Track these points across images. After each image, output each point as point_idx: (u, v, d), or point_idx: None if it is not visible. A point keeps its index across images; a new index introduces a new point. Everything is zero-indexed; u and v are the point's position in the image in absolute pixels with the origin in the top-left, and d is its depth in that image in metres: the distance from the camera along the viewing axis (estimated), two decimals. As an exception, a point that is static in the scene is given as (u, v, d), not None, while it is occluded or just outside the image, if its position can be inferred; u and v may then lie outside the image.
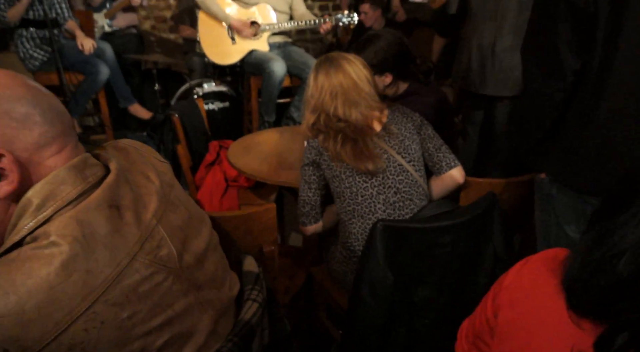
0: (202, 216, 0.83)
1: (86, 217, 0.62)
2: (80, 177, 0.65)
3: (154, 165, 0.77)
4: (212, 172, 2.30)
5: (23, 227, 0.61)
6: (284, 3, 3.07)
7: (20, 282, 0.57)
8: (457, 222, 1.20)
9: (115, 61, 3.23)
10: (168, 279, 0.68)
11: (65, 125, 0.67)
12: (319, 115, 1.39)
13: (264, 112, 3.10)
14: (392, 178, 1.36)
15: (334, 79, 1.38)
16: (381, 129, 1.40)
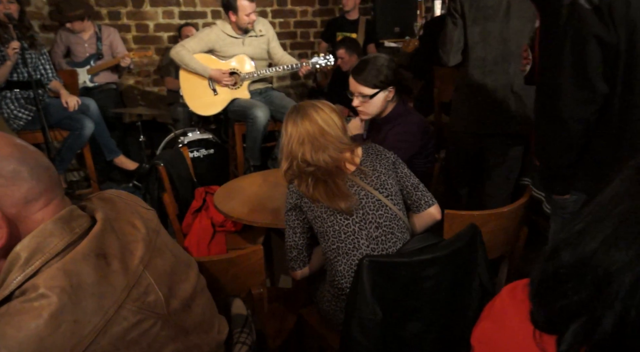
0: (188, 261, 0.84)
1: (73, 268, 0.63)
2: (67, 228, 0.67)
3: (139, 213, 0.79)
4: (198, 219, 2.30)
5: (12, 281, 0.62)
6: (261, 51, 3.20)
7: (10, 335, 0.57)
8: (441, 254, 1.22)
9: (99, 116, 3.28)
10: (156, 324, 0.69)
11: (52, 180, 0.69)
12: (291, 161, 1.46)
13: (249, 156, 3.15)
14: (371, 213, 1.40)
15: (301, 127, 1.45)
16: (355, 169, 1.45)
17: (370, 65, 1.87)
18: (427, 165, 2.02)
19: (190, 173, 2.48)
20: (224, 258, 1.24)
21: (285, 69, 3.13)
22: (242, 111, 3.04)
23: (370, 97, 1.89)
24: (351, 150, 1.47)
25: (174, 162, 2.37)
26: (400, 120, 1.92)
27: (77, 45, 3.63)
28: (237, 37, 3.08)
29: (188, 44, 3.03)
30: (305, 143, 1.44)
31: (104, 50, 3.68)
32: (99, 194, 0.81)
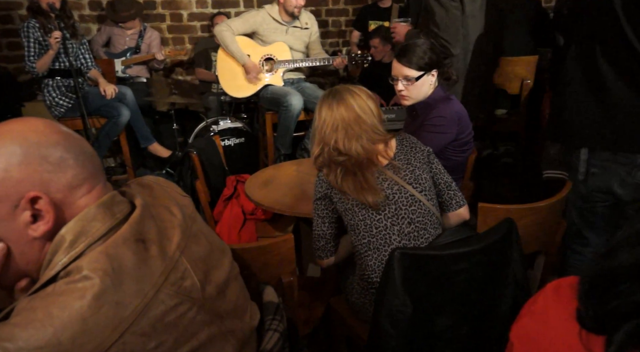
0: (223, 247, 0.86)
1: (115, 252, 0.65)
2: (109, 213, 0.69)
3: (176, 200, 0.81)
4: (229, 206, 2.34)
5: (57, 262, 0.65)
6: (301, 43, 3.20)
7: (56, 315, 0.60)
8: (474, 248, 1.20)
9: (135, 104, 3.37)
10: (192, 309, 0.70)
11: (95, 167, 0.72)
12: (322, 148, 1.42)
13: (280, 145, 3.17)
14: (404, 209, 1.37)
15: (336, 112, 1.40)
16: (388, 163, 1.40)
17: (415, 48, 1.86)
18: (461, 154, 1.98)
19: (222, 161, 2.51)
20: (255, 246, 1.26)
21: (321, 62, 3.12)
22: (276, 98, 3.06)
23: (415, 80, 1.86)
24: (385, 141, 1.43)
25: (206, 150, 2.41)
26: (439, 106, 1.89)
27: (118, 36, 3.73)
28: (282, 23, 3.09)
29: (233, 24, 3.06)
30: (339, 130, 1.39)
31: (143, 47, 3.78)
32: (137, 180, 0.83)
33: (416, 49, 1.86)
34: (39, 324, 0.59)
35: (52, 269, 0.64)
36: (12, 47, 3.86)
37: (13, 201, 0.64)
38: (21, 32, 2.95)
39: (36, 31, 2.96)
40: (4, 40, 3.88)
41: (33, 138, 0.66)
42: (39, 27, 2.96)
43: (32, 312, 0.60)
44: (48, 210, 0.65)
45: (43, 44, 3.00)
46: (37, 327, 0.59)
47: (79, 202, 0.68)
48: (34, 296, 0.63)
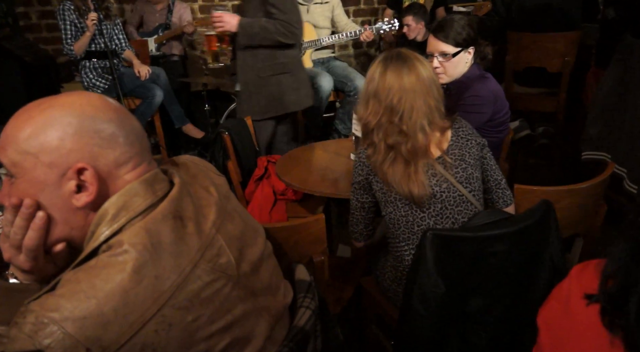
0: (256, 227, 0.87)
1: (154, 227, 0.67)
2: (151, 190, 0.71)
3: (212, 179, 0.83)
4: (261, 187, 2.37)
5: (100, 235, 0.67)
6: (325, 19, 3.14)
7: (99, 287, 0.62)
8: (510, 230, 1.17)
9: (168, 85, 3.42)
10: (227, 285, 0.72)
11: (142, 146, 0.73)
12: (379, 121, 1.23)
13: (310, 126, 3.16)
14: (450, 209, 1.29)
15: (407, 80, 1.20)
16: (440, 156, 1.27)
17: (453, 23, 1.80)
18: (497, 135, 1.92)
19: (253, 142, 2.53)
20: (287, 225, 1.27)
21: (348, 36, 3.06)
22: None
23: (452, 56, 1.81)
24: (443, 129, 1.27)
25: (237, 130, 2.42)
26: (474, 85, 1.83)
27: (149, 14, 3.77)
28: (303, 3, 3.04)
29: None
30: (406, 102, 1.19)
31: (173, 22, 3.80)
32: (174, 159, 0.84)
33: (454, 24, 1.80)
34: (83, 295, 0.61)
35: (95, 241, 0.67)
36: (51, 28, 3.97)
37: (62, 170, 0.66)
38: (57, 15, 3.02)
39: (71, 13, 3.02)
40: (43, 22, 3.99)
41: (89, 112, 0.68)
42: (74, 9, 3.02)
43: (77, 284, 0.63)
44: (92, 182, 0.67)
45: (79, 26, 3.06)
46: (81, 298, 0.61)
47: (123, 178, 0.70)
48: (78, 269, 0.66)
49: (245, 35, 2.31)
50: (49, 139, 0.66)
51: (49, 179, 0.67)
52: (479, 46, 1.87)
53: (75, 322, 0.60)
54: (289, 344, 0.80)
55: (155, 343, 0.64)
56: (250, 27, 2.28)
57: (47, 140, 0.66)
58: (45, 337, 0.59)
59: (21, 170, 0.67)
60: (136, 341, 0.62)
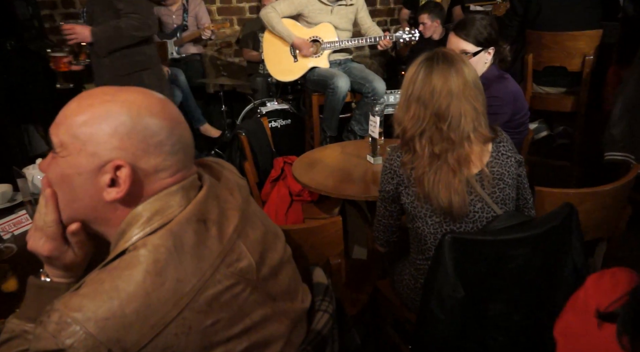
0: (276, 231, 0.86)
1: (178, 230, 0.67)
2: (186, 197, 0.71)
3: (236, 181, 0.82)
4: (277, 188, 2.37)
5: (132, 236, 0.67)
6: (347, 21, 3.13)
7: (122, 288, 0.62)
8: (531, 234, 1.14)
9: (187, 85, 3.45)
10: (246, 290, 0.72)
11: (186, 155, 0.73)
12: (423, 127, 1.16)
13: (326, 127, 3.15)
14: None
15: (454, 83, 1.13)
16: (479, 171, 1.20)
17: (475, 22, 1.78)
18: (516, 136, 1.88)
19: (269, 143, 2.53)
20: (304, 228, 1.26)
21: (367, 42, 3.04)
22: (323, 80, 3.02)
23: (473, 55, 1.78)
24: (484, 141, 1.19)
25: (254, 131, 2.43)
26: (493, 85, 1.80)
27: (166, 16, 3.81)
28: (327, 4, 3.03)
29: (279, 6, 3.04)
30: (453, 105, 1.13)
31: (189, 21, 3.83)
32: (199, 161, 0.85)
33: (476, 22, 1.77)
34: (106, 296, 0.62)
35: (126, 242, 0.67)
36: (73, 32, 4.03)
37: (102, 162, 0.67)
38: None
39: (94, 17, 3.06)
40: (66, 26, 4.06)
41: (145, 115, 0.68)
42: (97, 12, 3.07)
43: (100, 284, 0.63)
44: (125, 181, 0.68)
45: (101, 28, 3.10)
46: (104, 299, 0.61)
47: (157, 183, 0.70)
48: (103, 269, 0.66)
49: (101, 42, 2.28)
50: (100, 132, 0.67)
51: (88, 167, 0.68)
52: (499, 47, 1.84)
53: (98, 323, 0.60)
54: (307, 347, 0.79)
55: (175, 346, 0.64)
56: (103, 32, 2.25)
57: (98, 132, 0.67)
58: (68, 337, 0.60)
59: (66, 151, 0.68)
60: (156, 343, 0.62)
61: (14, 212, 1.38)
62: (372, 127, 2.06)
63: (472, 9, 3.84)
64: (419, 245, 1.32)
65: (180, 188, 0.71)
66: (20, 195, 1.51)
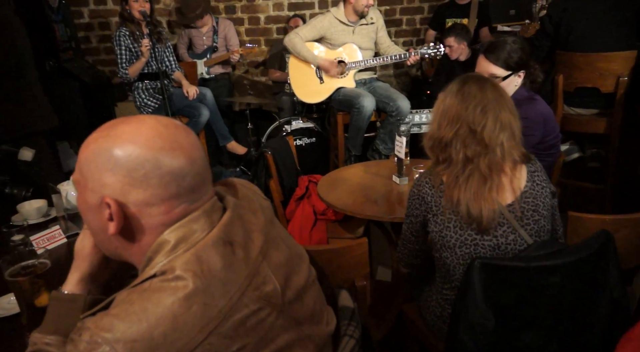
0: (301, 252, 0.85)
1: (205, 254, 0.67)
2: (209, 221, 0.71)
3: (259, 202, 0.82)
4: (301, 206, 2.37)
5: (158, 263, 0.68)
6: (369, 40, 3.15)
7: (151, 310, 0.62)
8: (564, 261, 1.09)
9: (214, 104, 3.52)
10: (272, 314, 0.71)
11: (183, 188, 0.70)
12: (457, 131, 1.16)
13: (351, 146, 3.15)
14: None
15: (490, 92, 1.16)
16: (513, 202, 1.17)
17: (505, 45, 1.75)
18: (547, 158, 1.83)
19: (294, 161, 2.55)
20: (329, 249, 1.25)
21: (392, 59, 3.05)
22: (348, 100, 3.04)
23: (502, 79, 1.75)
24: (516, 162, 1.18)
25: (280, 150, 2.45)
26: (522, 106, 1.75)
27: (197, 38, 3.93)
28: (349, 24, 3.07)
29: (302, 32, 3.09)
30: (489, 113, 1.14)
31: (219, 43, 3.93)
32: (223, 181, 0.85)
33: (506, 46, 1.75)
34: (135, 317, 0.62)
35: (152, 269, 0.68)
36: (109, 51, 4.21)
37: (99, 198, 0.69)
38: (114, 40, 3.19)
39: (127, 38, 3.18)
40: (101, 46, 4.24)
41: (130, 149, 0.68)
42: (129, 34, 3.19)
43: (130, 305, 0.64)
44: (115, 217, 0.69)
45: (133, 50, 3.22)
46: (134, 320, 0.62)
47: (154, 219, 0.70)
48: (133, 290, 0.67)
49: None
50: (94, 169, 0.69)
51: (92, 203, 0.70)
52: (530, 70, 1.80)
53: (127, 344, 0.60)
54: (333, 374, 0.77)
55: None
56: None
57: (92, 169, 0.69)
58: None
59: (78, 187, 0.72)
60: None
61: (47, 227, 1.42)
62: (398, 147, 2.05)
63: (499, 29, 3.81)
64: (446, 275, 1.29)
65: (202, 213, 0.71)
66: (54, 210, 1.55)
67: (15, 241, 1.27)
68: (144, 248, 0.71)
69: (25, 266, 1.02)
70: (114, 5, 4.09)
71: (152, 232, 0.70)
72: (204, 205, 0.72)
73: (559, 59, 2.78)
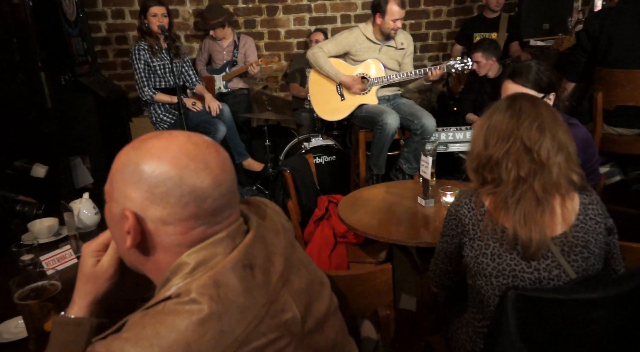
0: (322, 279, 0.84)
1: (222, 278, 0.67)
2: (231, 244, 0.71)
3: (282, 224, 0.82)
4: (320, 228, 2.35)
5: (174, 285, 0.68)
6: (394, 62, 3.17)
7: (163, 335, 0.62)
8: (608, 295, 1.05)
9: (232, 120, 3.56)
10: (291, 344, 0.69)
11: (202, 210, 0.70)
12: (508, 149, 1.13)
13: (373, 165, 3.14)
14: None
15: (543, 109, 1.15)
16: (561, 235, 1.13)
17: (532, 68, 1.75)
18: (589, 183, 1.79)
19: (314, 181, 2.55)
20: (351, 274, 1.24)
21: (416, 75, 3.06)
22: (371, 117, 3.04)
23: None
24: (569, 190, 1.14)
25: (299, 169, 2.46)
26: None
27: (217, 52, 4.02)
28: (376, 42, 3.10)
29: (325, 46, 3.14)
30: (547, 131, 1.11)
31: (239, 58, 4.02)
32: (246, 200, 0.85)
33: (532, 68, 1.74)
34: (147, 342, 0.62)
35: (168, 291, 0.67)
36: (126, 66, 4.34)
37: (121, 209, 0.71)
38: (132, 55, 3.28)
39: (145, 52, 3.28)
40: (118, 60, 4.37)
41: (155, 165, 0.69)
42: (148, 48, 3.28)
43: (142, 328, 0.63)
44: (133, 230, 0.70)
45: (151, 64, 3.31)
46: (145, 345, 0.61)
47: (170, 238, 0.71)
48: (146, 312, 0.66)
49: None
50: (121, 180, 0.71)
51: (116, 214, 0.72)
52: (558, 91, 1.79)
53: None
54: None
55: None
56: None
57: (119, 180, 0.71)
58: None
59: (107, 197, 0.74)
60: None
61: (58, 246, 1.43)
62: (423, 167, 2.03)
63: (532, 43, 3.80)
64: (479, 306, 1.25)
65: (226, 236, 0.71)
66: (65, 229, 1.57)
67: (24, 260, 1.29)
68: (160, 266, 0.72)
69: (34, 287, 1.02)
70: (131, 19, 4.23)
71: (167, 251, 0.71)
72: (229, 227, 0.72)
73: (598, 76, 2.74)
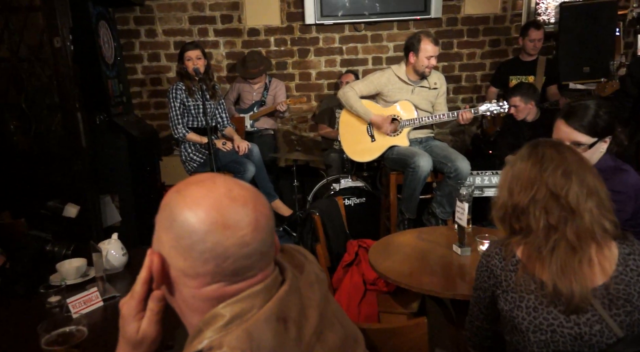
0: (356, 335, 0.82)
1: (256, 331, 0.66)
2: (267, 296, 0.70)
3: (316, 275, 0.81)
4: (350, 274, 2.32)
5: (207, 337, 0.67)
6: (427, 103, 3.19)
7: None
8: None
9: (260, 160, 3.62)
10: None
11: (221, 269, 0.69)
12: (534, 195, 1.11)
13: (404, 209, 3.11)
14: None
15: (569, 156, 1.13)
16: (601, 286, 1.09)
17: (588, 109, 1.68)
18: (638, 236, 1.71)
19: (343, 224, 2.53)
20: (383, 328, 1.21)
21: (448, 117, 3.07)
22: (403, 159, 3.04)
23: (588, 147, 1.67)
24: (606, 238, 1.11)
25: (328, 211, 2.45)
26: (612, 178, 1.63)
27: (247, 92, 4.16)
28: (409, 83, 3.14)
29: (357, 86, 3.20)
30: (573, 178, 1.09)
31: (268, 99, 4.14)
32: (281, 247, 0.84)
33: (589, 110, 1.67)
34: None
35: (200, 343, 0.67)
36: (159, 106, 4.53)
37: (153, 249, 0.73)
38: (170, 94, 3.44)
39: (182, 92, 3.43)
40: (152, 100, 4.57)
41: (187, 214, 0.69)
42: (185, 89, 3.42)
43: None
44: (156, 273, 0.72)
45: (186, 104, 3.44)
46: None
47: (187, 290, 0.71)
48: None
49: None
50: (159, 220, 0.73)
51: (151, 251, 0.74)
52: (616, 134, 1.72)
53: None
54: None
55: None
56: None
57: (159, 220, 0.73)
58: None
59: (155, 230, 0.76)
60: None
61: (85, 288, 1.45)
62: (459, 213, 2.00)
63: (571, 87, 3.76)
64: None
65: (263, 288, 0.70)
66: (93, 270, 1.59)
67: (51, 302, 1.31)
68: (184, 311, 0.73)
69: (61, 333, 1.03)
70: (166, 62, 4.45)
71: (185, 301, 0.72)
72: (266, 280, 0.71)
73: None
